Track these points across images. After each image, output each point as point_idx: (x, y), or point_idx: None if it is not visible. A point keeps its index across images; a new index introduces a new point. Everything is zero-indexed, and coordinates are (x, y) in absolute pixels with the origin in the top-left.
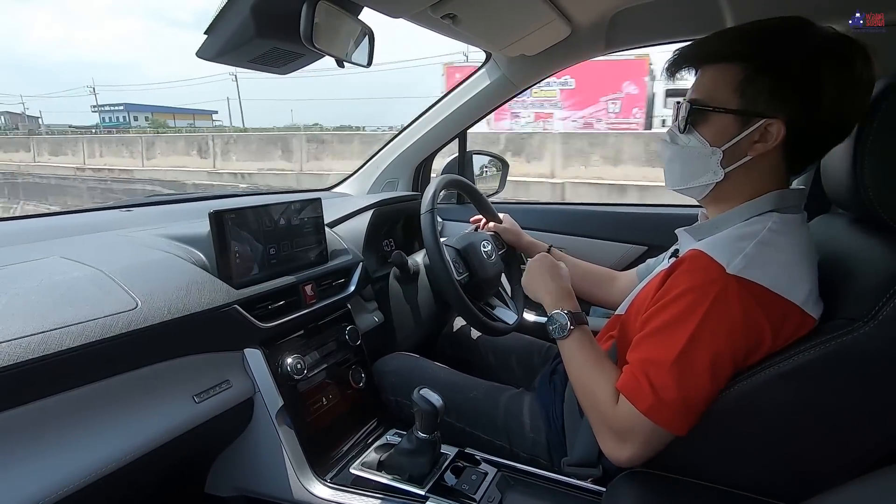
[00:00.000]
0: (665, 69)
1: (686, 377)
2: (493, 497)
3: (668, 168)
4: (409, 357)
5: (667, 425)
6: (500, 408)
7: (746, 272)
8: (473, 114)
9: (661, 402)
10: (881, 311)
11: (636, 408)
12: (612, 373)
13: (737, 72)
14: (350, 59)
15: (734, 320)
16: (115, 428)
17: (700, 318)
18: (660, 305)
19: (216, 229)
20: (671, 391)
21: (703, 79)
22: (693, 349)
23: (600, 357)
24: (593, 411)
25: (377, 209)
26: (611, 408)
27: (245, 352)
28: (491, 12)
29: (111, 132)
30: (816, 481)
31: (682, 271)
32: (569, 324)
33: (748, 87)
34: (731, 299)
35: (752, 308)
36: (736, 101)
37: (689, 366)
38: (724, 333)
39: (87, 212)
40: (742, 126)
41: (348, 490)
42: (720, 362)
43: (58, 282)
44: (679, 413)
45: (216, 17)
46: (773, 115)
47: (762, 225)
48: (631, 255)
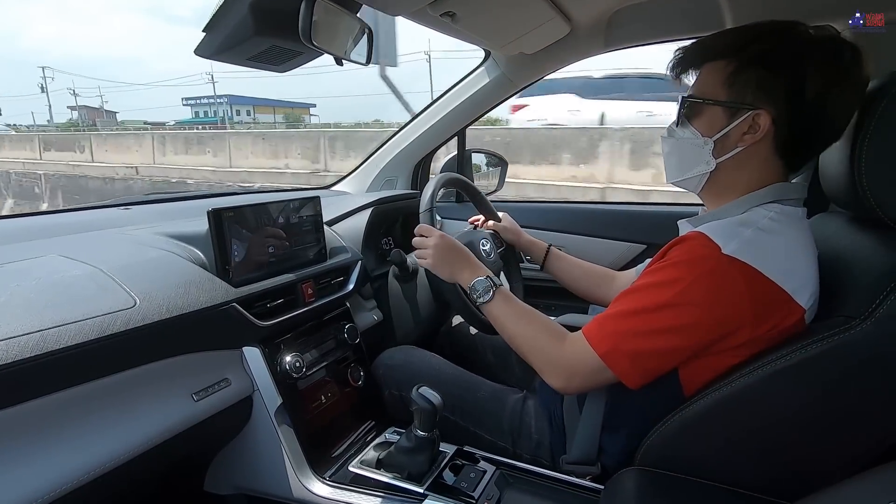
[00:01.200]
0: (668, 70)
1: (652, 334)
2: (491, 495)
3: (667, 162)
4: (416, 350)
5: (619, 373)
6: (506, 409)
7: (740, 254)
8: (472, 112)
9: (617, 349)
10: (878, 308)
11: (595, 351)
12: (543, 317)
13: (726, 66)
14: (349, 57)
15: (718, 295)
16: (114, 426)
17: (684, 286)
18: (650, 270)
19: (215, 227)
20: (632, 342)
21: (699, 76)
22: (668, 310)
23: (528, 308)
24: (537, 352)
25: (376, 207)
26: (558, 345)
27: (244, 350)
28: (490, 10)
29: (202, 128)
30: (815, 479)
31: (679, 247)
32: (491, 286)
33: (736, 79)
34: (718, 275)
35: (738, 288)
36: (725, 94)
37: (658, 324)
38: (704, 305)
39: (85, 210)
40: (731, 117)
41: (347, 488)
42: (691, 332)
43: (56, 280)
44: (635, 366)
45: (215, 15)
46: (759, 107)
47: (763, 214)
48: (630, 253)
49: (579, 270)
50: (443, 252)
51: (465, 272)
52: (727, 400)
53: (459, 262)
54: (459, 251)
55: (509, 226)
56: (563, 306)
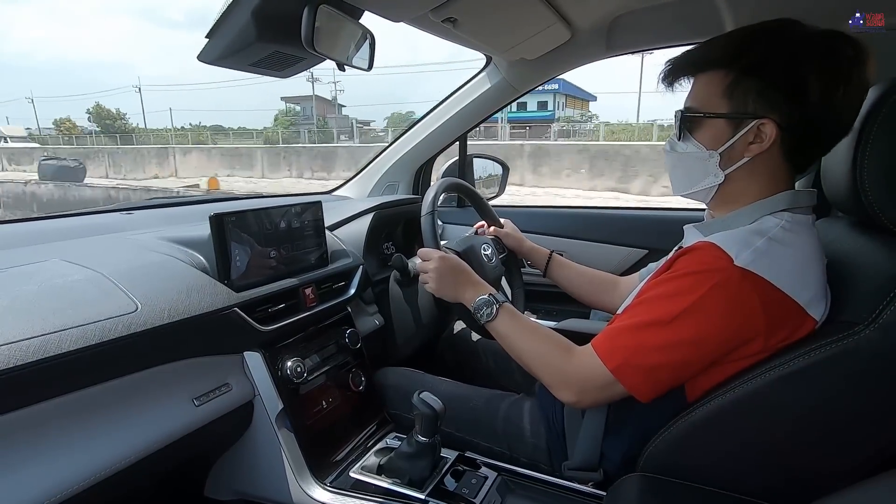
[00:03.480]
0: (661, 80)
1: (664, 348)
2: (493, 501)
3: (672, 175)
4: (408, 371)
5: (632, 388)
6: (500, 415)
7: (753, 266)
8: (474, 117)
9: (629, 364)
10: (882, 314)
11: (605, 366)
12: (549, 331)
13: (724, 77)
14: (351, 63)
15: (731, 308)
16: (115, 431)
17: (696, 298)
18: (658, 280)
19: (217, 232)
20: (644, 356)
21: (694, 87)
22: (680, 323)
23: (532, 323)
24: (548, 369)
25: (378, 212)
26: (566, 359)
27: (245, 355)
28: (491, 16)
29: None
30: (818, 485)
31: (688, 257)
32: (495, 304)
33: (735, 90)
34: (731, 288)
35: (752, 301)
36: (726, 105)
37: (670, 338)
38: (715, 318)
39: (87, 214)
40: (735, 129)
41: (348, 494)
42: (704, 346)
43: (58, 284)
44: (648, 380)
45: (217, 21)
46: (763, 116)
47: (775, 223)
48: (632, 258)
49: (582, 277)
50: (443, 274)
51: (467, 291)
52: (730, 406)
53: (461, 282)
54: (461, 271)
55: (511, 232)
56: (565, 311)
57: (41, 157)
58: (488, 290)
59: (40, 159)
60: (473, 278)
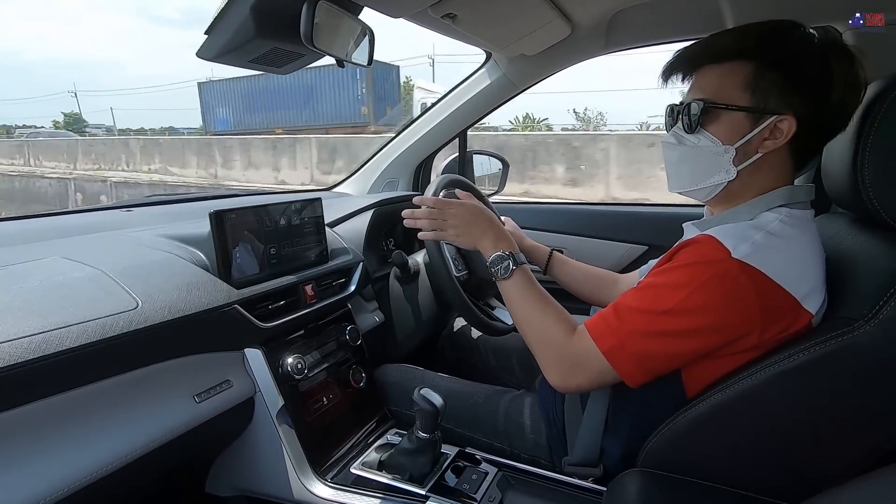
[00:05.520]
0: (663, 71)
1: (658, 336)
2: (493, 497)
3: (674, 170)
4: (408, 368)
5: (622, 372)
6: (501, 411)
7: (751, 258)
8: (473, 114)
9: (622, 348)
10: (881, 310)
11: (598, 347)
12: (558, 306)
13: (746, 69)
14: (350, 59)
15: (727, 300)
16: (116, 428)
17: (692, 289)
18: (658, 270)
19: (217, 229)
20: (638, 342)
21: (705, 79)
22: (676, 314)
23: (545, 293)
24: (544, 344)
25: (377, 209)
26: (566, 339)
27: (245, 351)
28: (491, 12)
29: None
30: (817, 480)
31: (688, 249)
32: (511, 264)
33: (758, 84)
34: (728, 280)
35: (749, 294)
36: (747, 99)
37: (664, 327)
38: (713, 310)
39: (87, 212)
40: (754, 123)
41: (349, 490)
42: (698, 336)
43: (58, 282)
44: (638, 365)
45: (216, 18)
46: (784, 112)
47: (773, 217)
48: (632, 254)
49: (582, 274)
50: (465, 218)
51: (488, 239)
52: (730, 402)
53: (485, 228)
54: (486, 217)
55: (512, 229)
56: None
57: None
58: (511, 246)
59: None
60: (497, 228)
